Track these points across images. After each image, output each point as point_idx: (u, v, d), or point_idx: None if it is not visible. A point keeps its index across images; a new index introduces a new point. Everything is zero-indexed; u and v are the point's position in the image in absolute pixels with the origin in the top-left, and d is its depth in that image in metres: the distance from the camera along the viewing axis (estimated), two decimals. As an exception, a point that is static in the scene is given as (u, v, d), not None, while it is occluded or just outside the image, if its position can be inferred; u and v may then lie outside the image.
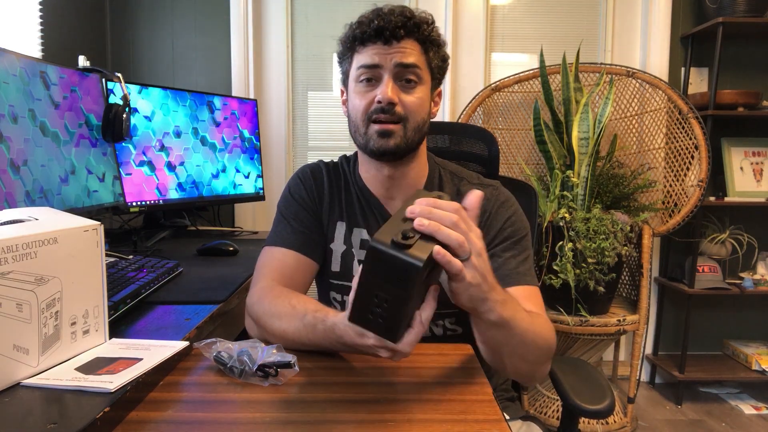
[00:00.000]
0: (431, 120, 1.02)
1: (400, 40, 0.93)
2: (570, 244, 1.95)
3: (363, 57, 0.95)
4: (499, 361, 0.83)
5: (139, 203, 1.66)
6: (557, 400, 2.17)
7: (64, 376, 0.67)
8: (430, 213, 0.64)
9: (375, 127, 0.94)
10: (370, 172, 1.03)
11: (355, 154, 1.10)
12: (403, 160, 0.99)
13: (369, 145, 0.95)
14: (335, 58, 1.05)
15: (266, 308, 0.88)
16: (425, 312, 0.66)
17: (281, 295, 0.89)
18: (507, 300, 0.74)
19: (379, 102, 0.93)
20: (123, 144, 1.59)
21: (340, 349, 0.80)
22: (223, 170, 2.02)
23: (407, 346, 0.66)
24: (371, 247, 0.61)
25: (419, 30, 0.94)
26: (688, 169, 2.30)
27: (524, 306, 0.89)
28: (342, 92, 1.05)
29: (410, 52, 0.94)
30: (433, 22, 0.97)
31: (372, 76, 0.94)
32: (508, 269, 0.95)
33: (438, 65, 0.99)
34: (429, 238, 0.63)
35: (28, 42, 1.84)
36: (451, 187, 1.05)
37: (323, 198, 1.06)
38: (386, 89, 0.92)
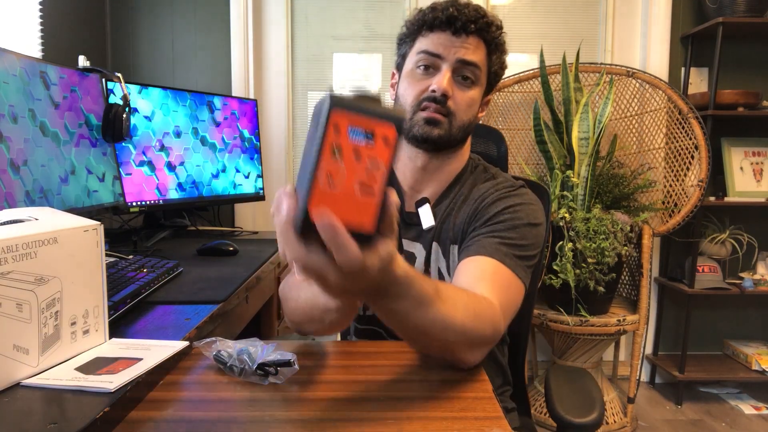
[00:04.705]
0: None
1: (469, 35, 0.92)
2: (570, 244, 1.95)
3: (427, 43, 0.94)
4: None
5: (139, 203, 1.66)
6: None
7: (64, 376, 0.67)
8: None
9: (423, 114, 0.93)
10: (401, 160, 1.01)
11: None
12: (440, 153, 0.98)
13: (413, 130, 0.94)
14: (336, 57, 1.05)
15: (284, 292, 0.89)
16: None
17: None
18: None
19: (434, 91, 0.92)
20: (123, 144, 1.59)
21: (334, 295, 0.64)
22: (223, 170, 2.02)
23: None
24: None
25: (488, 30, 0.94)
26: (688, 169, 2.30)
27: (478, 281, 0.81)
28: (393, 75, 1.04)
29: (474, 50, 0.93)
30: (502, 27, 0.97)
31: (431, 64, 0.94)
32: (479, 243, 0.88)
33: (496, 71, 0.99)
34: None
35: (28, 42, 1.84)
36: (471, 182, 1.01)
37: None
38: (443, 80, 0.92)
